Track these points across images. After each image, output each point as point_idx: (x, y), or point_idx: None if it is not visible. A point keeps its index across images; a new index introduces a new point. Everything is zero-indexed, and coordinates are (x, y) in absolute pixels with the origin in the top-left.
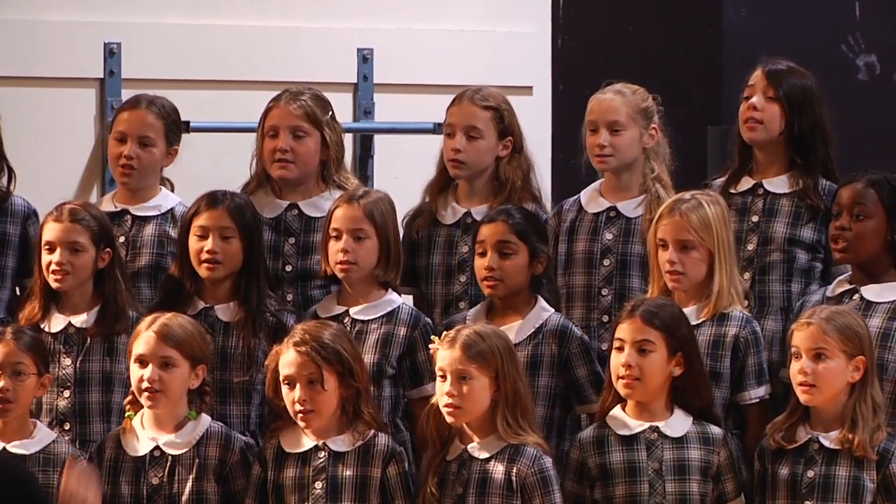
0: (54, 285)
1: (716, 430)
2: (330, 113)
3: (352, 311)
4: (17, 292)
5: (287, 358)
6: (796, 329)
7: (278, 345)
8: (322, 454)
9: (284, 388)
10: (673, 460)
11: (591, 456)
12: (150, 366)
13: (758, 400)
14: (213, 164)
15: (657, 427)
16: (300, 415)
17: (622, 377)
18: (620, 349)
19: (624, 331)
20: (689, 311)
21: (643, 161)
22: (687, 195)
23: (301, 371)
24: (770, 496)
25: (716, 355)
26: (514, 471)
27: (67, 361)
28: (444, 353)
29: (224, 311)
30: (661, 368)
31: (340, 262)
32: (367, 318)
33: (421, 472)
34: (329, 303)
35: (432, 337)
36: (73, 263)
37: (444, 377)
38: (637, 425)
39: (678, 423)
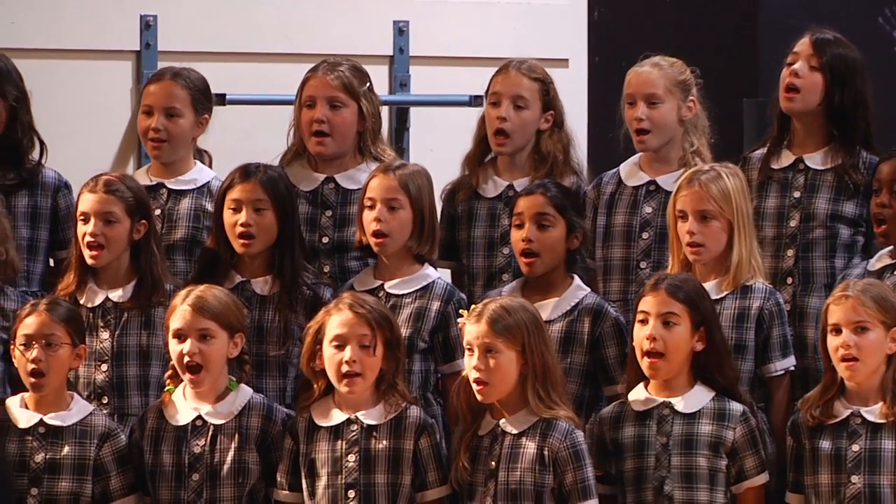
0: (89, 262)
1: (735, 407)
2: (367, 84)
3: (387, 284)
4: (51, 265)
5: (340, 318)
6: (833, 303)
7: (325, 309)
8: (354, 427)
9: (330, 350)
10: (681, 435)
11: (608, 431)
12: (189, 339)
13: (783, 372)
14: (248, 137)
15: (670, 403)
16: (346, 378)
17: (646, 351)
18: (644, 322)
19: (648, 303)
20: (710, 285)
21: (682, 134)
22: (706, 166)
23: (354, 331)
24: (811, 471)
25: (740, 328)
26: (547, 445)
27: (105, 335)
28: (470, 328)
29: (260, 285)
30: (685, 342)
31: (374, 233)
32: (401, 291)
33: (452, 446)
34: (366, 276)
35: (460, 311)
36: (106, 235)
37: (471, 351)
38: (652, 401)
39: (694, 399)
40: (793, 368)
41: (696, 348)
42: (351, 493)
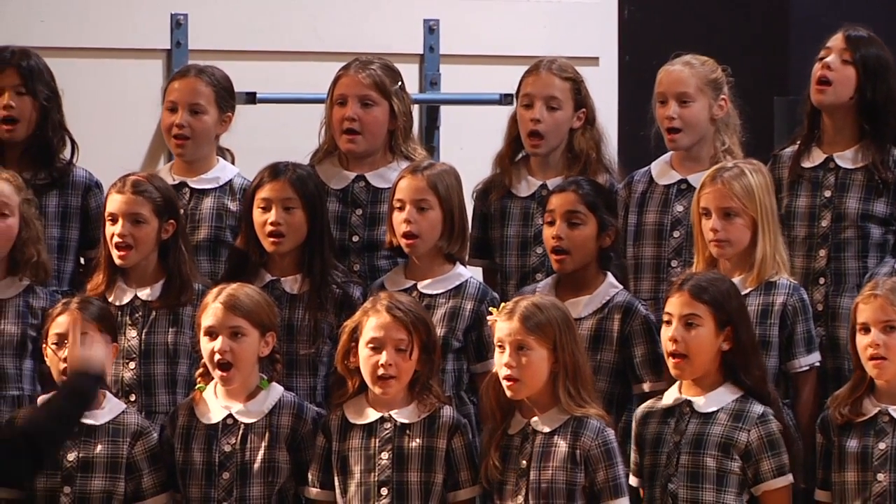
0: (118, 262)
1: (755, 409)
2: (399, 83)
3: (420, 285)
4: (81, 264)
5: (378, 320)
6: (862, 302)
7: (363, 307)
8: (388, 425)
9: (366, 352)
10: (693, 434)
11: (638, 427)
12: (220, 337)
13: (808, 368)
14: (278, 136)
15: (690, 401)
16: (381, 380)
17: (670, 352)
18: (669, 323)
19: (672, 305)
20: (735, 281)
21: (714, 133)
22: (729, 163)
23: (391, 335)
24: (838, 469)
25: (764, 324)
26: (578, 444)
27: (133, 333)
28: (502, 325)
29: (290, 284)
30: (707, 343)
31: (405, 234)
32: (435, 291)
33: (482, 445)
34: (397, 276)
35: (490, 309)
36: (134, 235)
37: (502, 348)
38: (677, 399)
39: (716, 398)
40: (818, 364)
41: (723, 348)
42: (384, 491)
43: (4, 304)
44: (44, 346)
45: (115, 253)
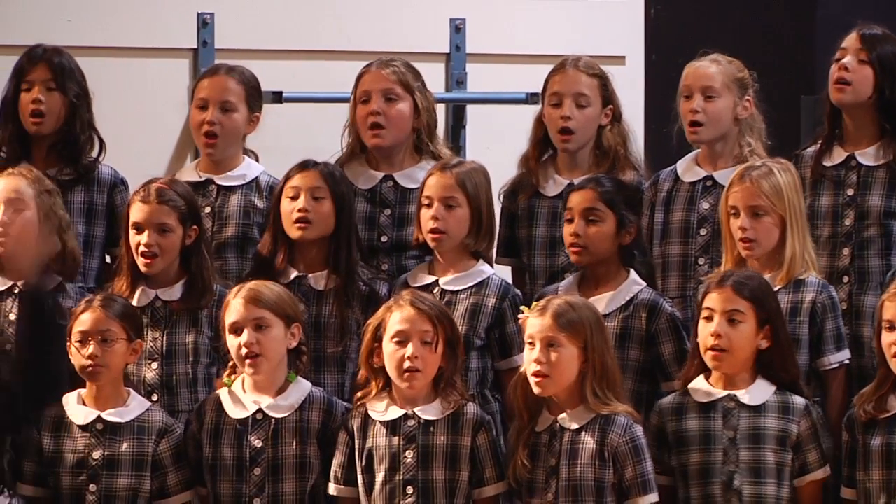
0: (143, 270)
1: (798, 400)
2: (421, 81)
3: (441, 280)
4: (107, 261)
5: (402, 314)
6: (887, 300)
7: (386, 303)
8: (412, 422)
9: (391, 347)
10: (749, 428)
11: (669, 422)
12: (246, 330)
13: (837, 365)
14: (305, 135)
15: (735, 395)
16: (406, 373)
17: (711, 347)
18: (709, 319)
19: (714, 300)
20: None
21: (738, 134)
22: (758, 162)
23: (417, 327)
24: (862, 466)
25: (793, 322)
26: (606, 440)
27: (155, 334)
28: (533, 321)
29: (317, 280)
30: (749, 340)
31: (431, 231)
32: (456, 288)
33: (509, 443)
34: (420, 272)
35: (521, 307)
36: (160, 245)
37: (532, 345)
38: (716, 393)
39: (758, 392)
40: (847, 362)
41: (761, 346)
42: (409, 490)
43: None
44: (68, 343)
45: (140, 261)
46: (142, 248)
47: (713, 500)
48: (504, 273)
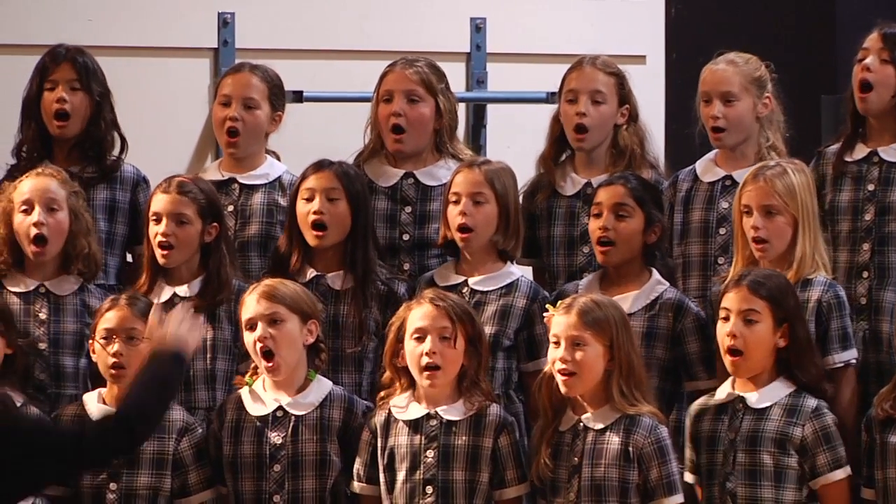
0: (161, 261)
1: (809, 403)
2: (444, 82)
3: (470, 281)
4: (129, 260)
5: (421, 311)
6: None
7: (407, 303)
8: (434, 422)
9: (411, 344)
10: (748, 431)
11: (692, 424)
12: (260, 325)
13: (843, 364)
14: (325, 135)
15: (744, 398)
16: (426, 371)
17: (727, 348)
18: (726, 319)
19: (730, 300)
20: None
21: (758, 130)
22: (772, 162)
23: (435, 324)
24: (880, 465)
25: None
26: (631, 441)
27: None
28: (559, 320)
29: (334, 280)
30: (765, 339)
31: (460, 227)
32: (486, 288)
33: (533, 442)
34: (447, 271)
35: (547, 305)
36: (177, 235)
37: (557, 343)
38: (730, 395)
39: (770, 393)
40: (854, 361)
41: (779, 345)
42: (429, 489)
43: (62, 301)
44: (91, 341)
45: (158, 252)
46: (159, 238)
47: (713, 501)
48: (526, 274)
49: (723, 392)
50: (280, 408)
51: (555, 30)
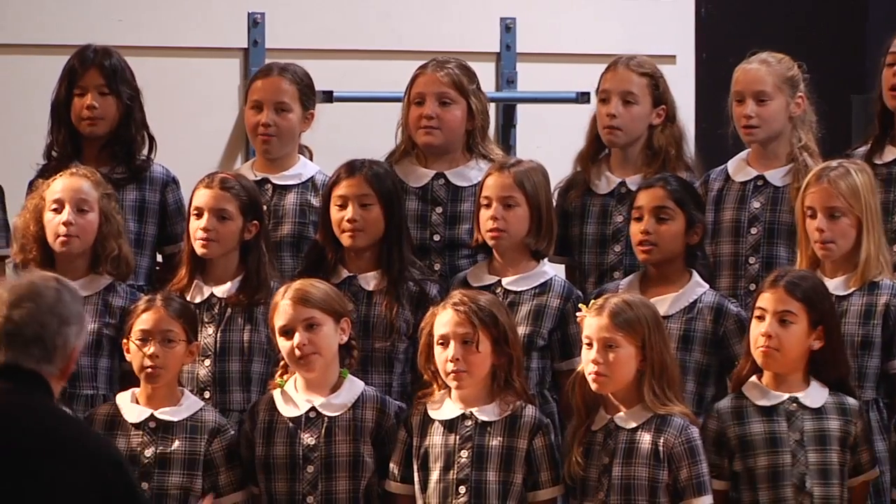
0: (199, 251)
1: (852, 402)
2: (476, 83)
3: (504, 281)
4: (158, 260)
5: (443, 317)
6: None
7: (433, 307)
8: (469, 422)
9: (438, 350)
10: (814, 430)
11: (730, 426)
12: (297, 331)
13: None
14: (355, 135)
15: (796, 398)
16: (452, 375)
17: (761, 347)
18: (761, 318)
19: (766, 300)
20: (838, 281)
21: (790, 130)
22: (834, 163)
23: (456, 330)
24: None
25: (867, 324)
26: (662, 440)
27: (209, 331)
28: (591, 321)
29: (367, 280)
30: (800, 341)
31: (491, 231)
32: (519, 288)
33: (565, 442)
34: (480, 271)
35: (579, 305)
36: (218, 231)
37: (590, 345)
38: (776, 396)
39: (816, 394)
40: None
41: (814, 347)
42: (462, 489)
43: (86, 300)
44: (125, 341)
45: (197, 245)
46: (199, 233)
47: (785, 503)
48: (559, 273)
49: (759, 394)
50: (313, 409)
51: (585, 29)
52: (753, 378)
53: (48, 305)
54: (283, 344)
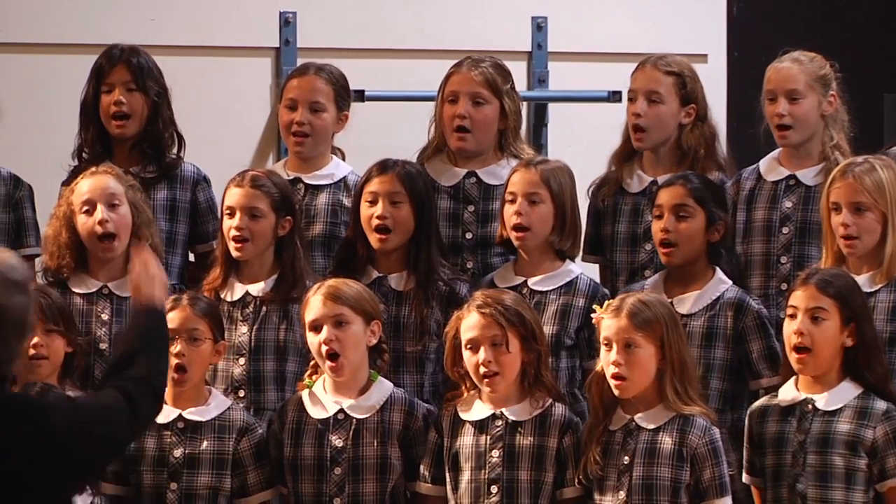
0: (234, 254)
1: (879, 405)
2: (510, 82)
3: (530, 281)
4: (190, 259)
5: (470, 321)
6: None
7: (458, 311)
8: (499, 422)
9: (467, 354)
10: (819, 433)
11: (755, 425)
12: (325, 327)
13: None
14: (387, 134)
15: (812, 399)
16: (485, 378)
17: (794, 346)
18: (793, 317)
19: (798, 298)
20: (863, 277)
21: (822, 129)
22: (859, 159)
23: (485, 333)
24: None
25: (895, 321)
26: (685, 441)
27: (244, 329)
28: (608, 322)
29: (397, 281)
30: (833, 337)
31: (515, 227)
32: (545, 288)
33: (583, 440)
34: (507, 272)
35: (594, 306)
36: (251, 229)
37: (608, 346)
38: (795, 396)
39: (839, 395)
40: None
41: (846, 344)
42: (493, 489)
43: (125, 302)
44: None
45: (231, 245)
46: (233, 232)
47: (781, 503)
48: (590, 271)
49: (787, 393)
50: (341, 410)
51: (616, 29)
52: (791, 380)
53: None
54: (312, 339)
